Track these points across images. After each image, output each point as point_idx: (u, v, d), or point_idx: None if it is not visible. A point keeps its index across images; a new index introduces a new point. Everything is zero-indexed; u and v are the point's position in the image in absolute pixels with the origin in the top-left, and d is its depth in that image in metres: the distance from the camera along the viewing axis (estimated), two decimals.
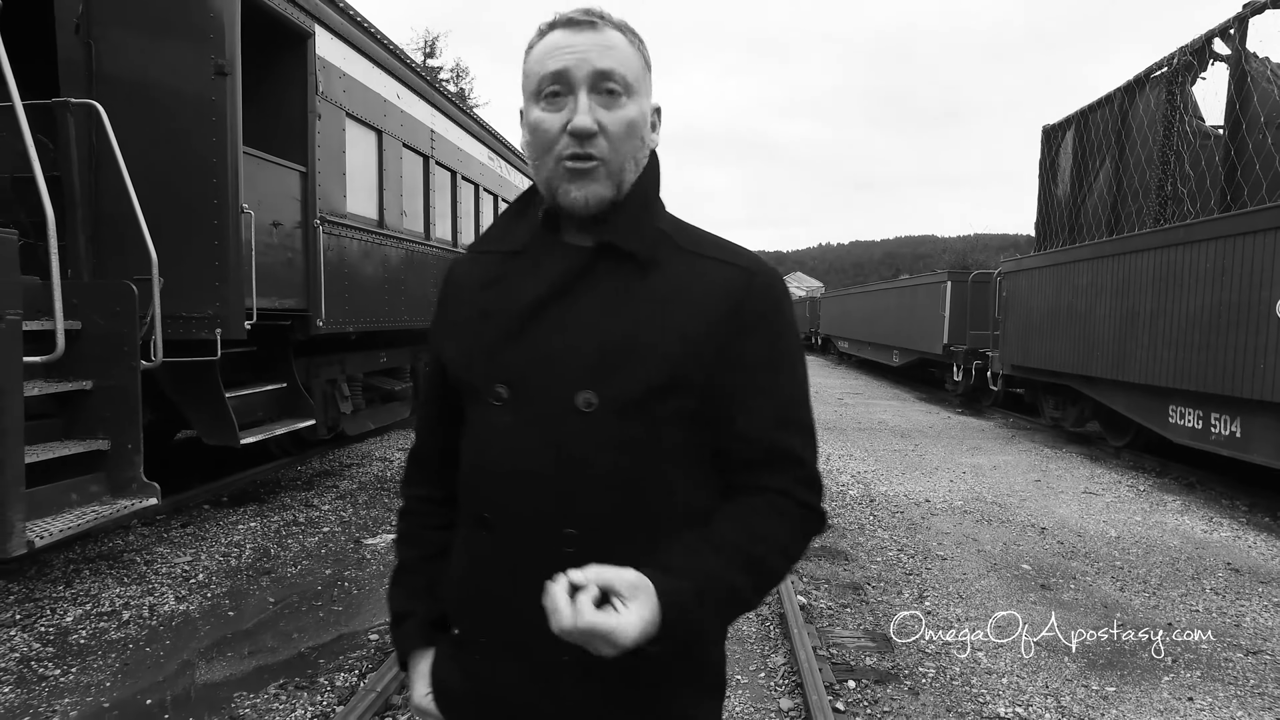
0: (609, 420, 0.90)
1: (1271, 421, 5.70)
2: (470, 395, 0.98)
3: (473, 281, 1.02)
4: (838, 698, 2.98)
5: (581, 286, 0.94)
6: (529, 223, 1.01)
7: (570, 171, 0.91)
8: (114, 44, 4.76)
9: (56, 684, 2.94)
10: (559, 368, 0.91)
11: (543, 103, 0.92)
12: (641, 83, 0.95)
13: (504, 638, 0.94)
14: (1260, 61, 6.11)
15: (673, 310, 0.92)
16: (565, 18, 0.93)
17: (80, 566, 4.21)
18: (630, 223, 0.95)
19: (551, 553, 0.89)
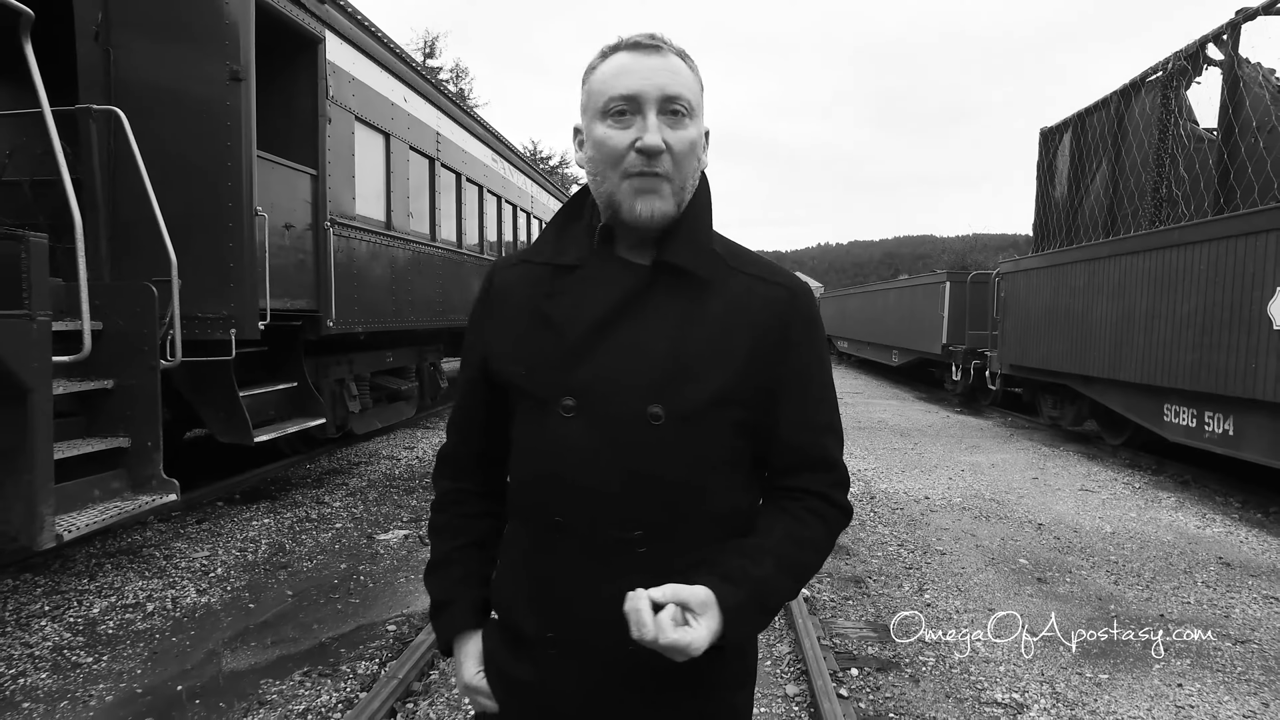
0: (675, 431, 0.96)
1: (1264, 420, 5.82)
2: (531, 404, 1.02)
3: (524, 290, 1.06)
4: (841, 684, 3.09)
5: (643, 304, 0.99)
6: (582, 236, 1.05)
7: (637, 189, 0.96)
8: (132, 50, 4.86)
9: (90, 671, 3.05)
10: (628, 382, 0.97)
11: (610, 120, 0.96)
12: (700, 106, 1.00)
13: (573, 634, 1.00)
14: (1252, 67, 6.23)
15: (728, 327, 0.99)
16: (631, 41, 0.98)
17: (102, 561, 4.32)
18: (689, 243, 1.01)
19: (623, 554, 0.97)
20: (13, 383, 3.26)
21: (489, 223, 10.92)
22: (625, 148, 0.95)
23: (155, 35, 4.88)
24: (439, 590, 1.14)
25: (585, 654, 1.00)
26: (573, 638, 1.00)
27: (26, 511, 3.37)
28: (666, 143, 0.95)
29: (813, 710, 2.85)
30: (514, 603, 1.05)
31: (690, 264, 0.99)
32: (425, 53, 41.17)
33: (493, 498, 1.15)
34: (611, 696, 1.00)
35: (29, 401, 3.33)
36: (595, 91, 0.98)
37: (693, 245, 1.00)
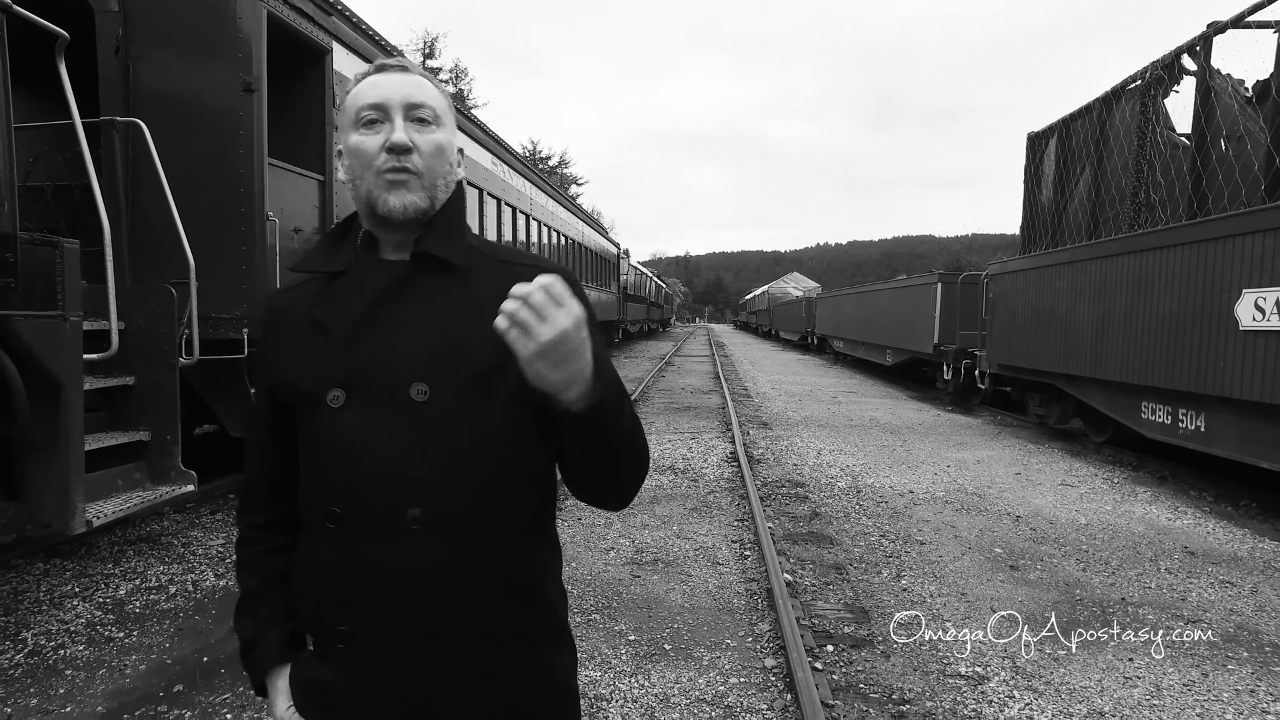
0: (441, 408, 1.00)
1: (1232, 416, 6.07)
2: (306, 404, 1.05)
3: (298, 306, 1.09)
4: (816, 658, 3.34)
5: (405, 293, 1.05)
6: (349, 245, 1.10)
7: (389, 183, 1.02)
8: (150, 63, 5.10)
9: (122, 644, 3.30)
10: (391, 365, 1.01)
11: (361, 129, 1.04)
12: (448, 118, 1.09)
13: (364, 623, 1.00)
14: (1223, 77, 6.48)
15: (485, 307, 0.98)
16: (379, 64, 1.08)
17: (124, 548, 4.57)
18: (443, 235, 1.07)
19: (399, 532, 0.98)
20: (47, 379, 3.50)
21: (489, 225, 11.16)
22: (377, 149, 1.02)
23: (172, 49, 5.13)
24: (246, 629, 1.14)
25: (380, 643, 1.00)
26: (364, 628, 1.00)
27: (59, 499, 3.62)
28: (414, 143, 1.02)
29: (788, 679, 3.10)
30: (304, 607, 1.07)
31: (445, 253, 1.06)
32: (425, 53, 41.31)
33: (290, 530, 1.13)
34: (420, 680, 1.00)
35: (62, 396, 3.57)
36: (348, 107, 1.06)
37: (447, 237, 1.07)
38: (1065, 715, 2.93)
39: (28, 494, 3.61)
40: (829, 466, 7.79)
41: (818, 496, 6.47)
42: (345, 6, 6.55)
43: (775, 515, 5.80)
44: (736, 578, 4.41)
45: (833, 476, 7.31)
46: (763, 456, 8.23)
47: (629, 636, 3.57)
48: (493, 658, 1.02)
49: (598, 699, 2.98)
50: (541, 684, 1.07)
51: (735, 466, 7.57)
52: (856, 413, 12.39)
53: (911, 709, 2.96)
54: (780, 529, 5.43)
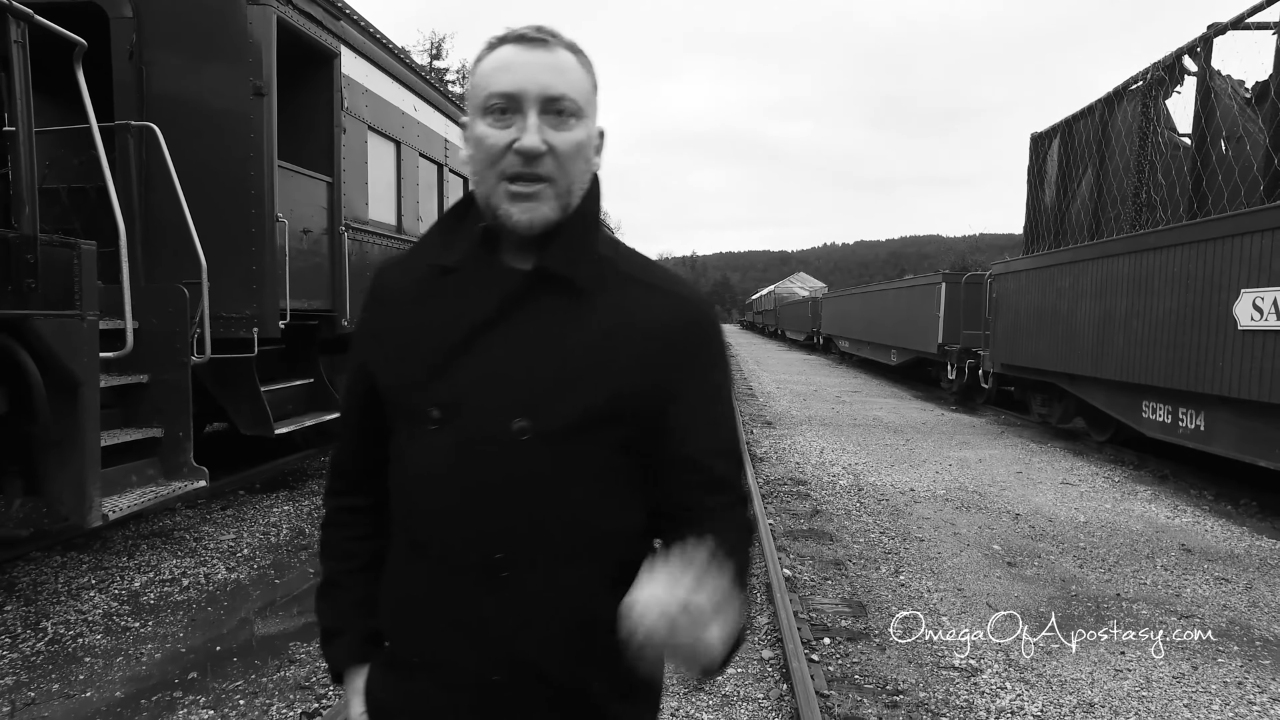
0: (542, 449, 0.89)
1: (1231, 415, 6.12)
2: (402, 412, 0.97)
3: (405, 293, 1.00)
4: (813, 651, 3.42)
5: (520, 312, 0.92)
6: (466, 237, 0.97)
7: (513, 194, 0.89)
8: (163, 68, 5.21)
9: (138, 634, 3.40)
10: (495, 394, 0.90)
11: (490, 118, 0.90)
12: (590, 105, 0.93)
13: (434, 658, 0.95)
14: (1223, 79, 6.52)
15: (612, 339, 0.92)
16: (517, 34, 0.91)
17: (138, 542, 4.67)
18: (569, 248, 0.93)
19: (485, 577, 0.90)
20: (65, 376, 3.60)
21: None
22: (503, 148, 0.88)
23: (184, 54, 5.23)
24: (329, 617, 1.08)
25: (450, 682, 0.94)
26: (437, 663, 0.94)
27: (77, 493, 3.72)
28: (549, 144, 0.88)
29: (784, 670, 3.17)
30: (386, 625, 1.02)
31: (569, 271, 0.93)
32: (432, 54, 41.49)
33: (381, 513, 1.06)
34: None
35: (79, 394, 3.67)
36: (476, 86, 0.92)
37: (574, 251, 0.93)
38: (1055, 705, 3.00)
39: (47, 489, 3.71)
40: (831, 465, 7.85)
41: (819, 494, 6.54)
42: (353, 11, 6.66)
43: (776, 512, 5.88)
44: None
45: (835, 475, 7.38)
46: (766, 455, 8.30)
47: None
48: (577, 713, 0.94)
49: None
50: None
51: None
52: (860, 412, 12.44)
53: (905, 699, 3.03)
54: (781, 525, 5.51)
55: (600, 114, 0.97)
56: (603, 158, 0.99)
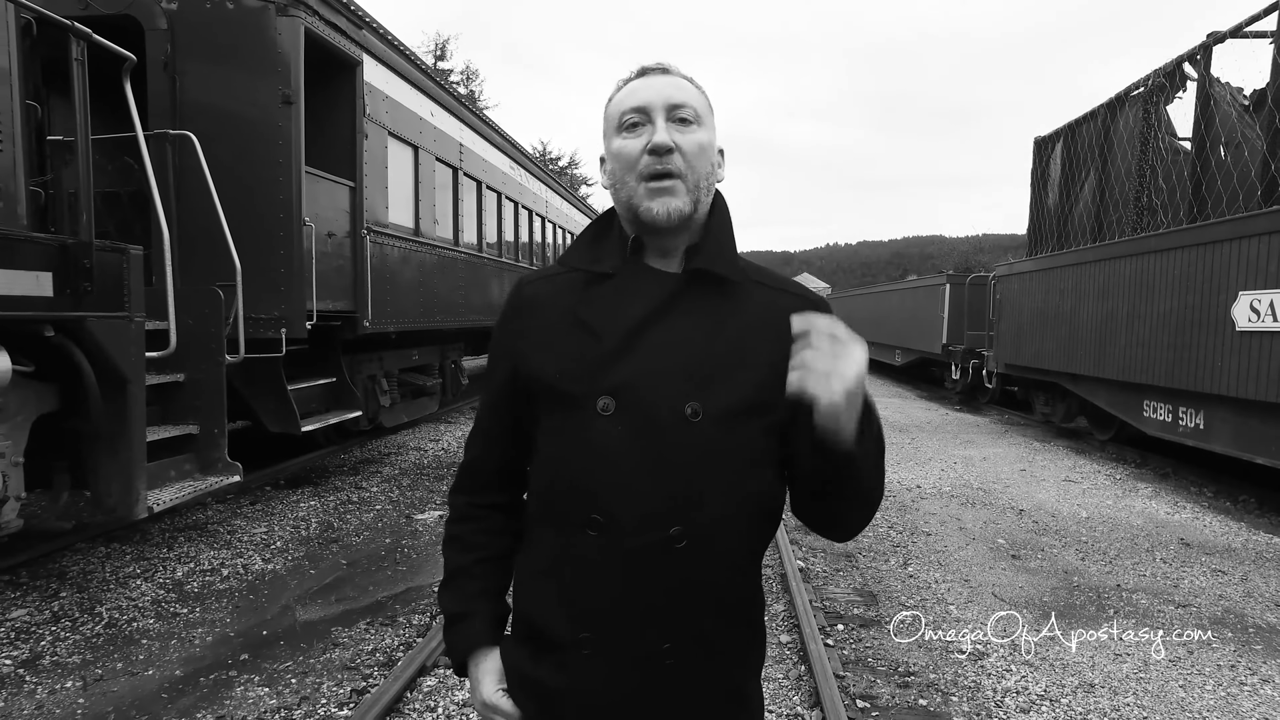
0: (711, 429, 0.99)
1: (1229, 414, 6.28)
2: (566, 407, 1.03)
3: (558, 299, 1.09)
4: (828, 636, 3.59)
5: (678, 308, 1.04)
6: (614, 247, 1.08)
7: (651, 190, 1.01)
8: (196, 78, 5.40)
9: (187, 619, 3.59)
10: (666, 381, 1.00)
11: (624, 133, 1.04)
12: (709, 119, 1.08)
13: (609, 634, 1.00)
14: (1222, 86, 6.68)
15: (755, 332, 1.04)
16: (641, 68, 1.08)
17: (175, 535, 4.86)
18: (719, 251, 1.07)
19: (662, 550, 0.98)
20: (115, 375, 3.79)
21: (506, 227, 11.45)
22: (639, 152, 1.02)
23: (216, 64, 5.42)
24: (455, 603, 1.14)
25: (620, 655, 1.00)
26: (608, 638, 1.00)
27: (125, 486, 3.90)
28: (676, 143, 1.01)
29: (801, 652, 3.35)
30: (543, 608, 1.05)
31: (722, 269, 1.06)
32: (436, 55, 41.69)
33: (513, 513, 1.16)
34: (646, 698, 1.01)
35: (128, 391, 3.86)
36: (611, 115, 1.07)
37: (722, 253, 1.07)
38: (1058, 686, 3.17)
39: (95, 482, 3.90)
40: None
41: None
42: (375, 21, 6.84)
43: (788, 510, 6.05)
44: None
45: None
46: None
47: None
48: (721, 682, 1.05)
49: None
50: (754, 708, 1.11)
51: None
52: None
53: (916, 680, 3.21)
54: (792, 519, 5.69)
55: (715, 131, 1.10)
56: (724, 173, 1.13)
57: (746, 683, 1.09)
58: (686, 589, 0.99)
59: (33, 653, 3.20)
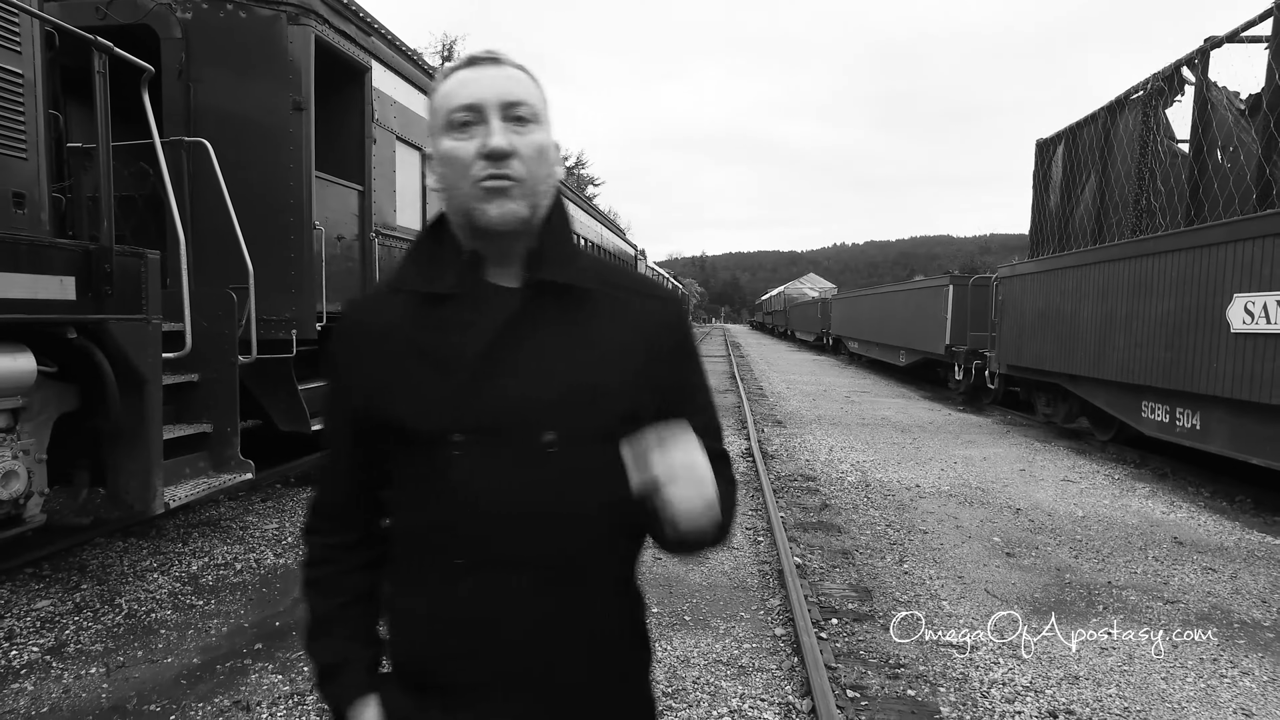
0: (573, 455, 0.95)
1: (1225, 415, 6.36)
2: (417, 445, 0.97)
3: (393, 325, 1.01)
4: (822, 630, 3.70)
5: (527, 327, 0.97)
6: (449, 263, 1.00)
7: (487, 191, 0.93)
8: (209, 86, 5.54)
9: (203, 610, 3.72)
10: (521, 410, 0.95)
11: (454, 133, 0.95)
12: (546, 114, 1.00)
13: (492, 675, 0.97)
14: (1220, 90, 6.76)
15: (617, 343, 1.00)
16: (469, 57, 0.98)
17: (189, 530, 5.01)
18: (560, 258, 1.00)
19: (532, 582, 0.95)
20: (133, 375, 3.93)
21: None
22: (472, 156, 0.94)
23: (229, 72, 5.56)
24: (326, 653, 1.06)
25: (502, 692, 0.97)
26: (487, 676, 0.97)
27: (142, 483, 4.05)
28: (514, 146, 0.94)
29: (795, 644, 3.46)
30: (420, 650, 1.01)
31: (567, 278, 0.99)
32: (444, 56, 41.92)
33: (371, 546, 1.08)
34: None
35: (145, 391, 4.00)
36: (438, 108, 0.98)
37: (564, 259, 1.00)
38: (1044, 678, 3.28)
39: (114, 479, 4.05)
40: (840, 462, 8.12)
41: (828, 490, 6.81)
42: (383, 27, 6.99)
43: (787, 506, 6.16)
44: (750, 561, 4.77)
45: (843, 471, 7.65)
46: (776, 452, 8.58)
47: (652, 609, 3.95)
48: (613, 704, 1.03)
49: None
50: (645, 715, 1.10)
51: (750, 462, 7.92)
52: (869, 412, 12.69)
53: (905, 671, 3.32)
54: (792, 518, 5.79)
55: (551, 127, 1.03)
56: (562, 171, 1.06)
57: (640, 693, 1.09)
58: (563, 617, 0.97)
59: (57, 641, 3.34)
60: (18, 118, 3.74)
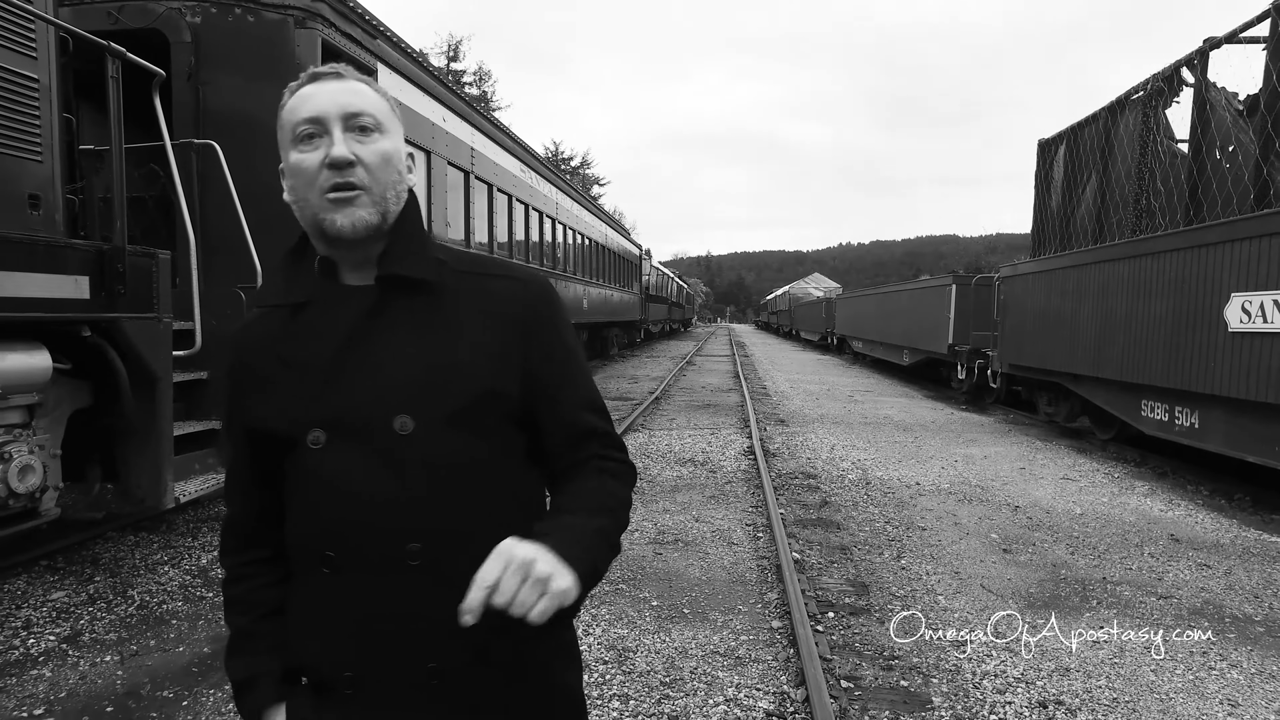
0: (427, 439, 0.96)
1: (1222, 414, 6.40)
2: (287, 448, 1.00)
3: (261, 341, 1.05)
4: (818, 623, 3.77)
5: (377, 322, 1.00)
6: (307, 272, 1.04)
7: (332, 201, 0.96)
8: (218, 89, 5.64)
9: (213, 602, 3.81)
10: (371, 401, 0.97)
11: (300, 145, 0.98)
12: (392, 124, 1.03)
13: (369, 669, 0.97)
14: (1218, 90, 6.80)
15: (470, 326, 1.01)
16: (312, 73, 1.01)
17: (199, 525, 5.10)
18: (406, 252, 1.02)
19: (398, 570, 0.95)
20: (145, 372, 4.02)
21: (517, 229, 11.68)
22: (317, 166, 0.97)
23: (238, 75, 5.66)
24: (240, 669, 1.08)
25: (383, 689, 0.97)
26: (368, 674, 0.97)
27: (154, 478, 4.14)
28: (357, 155, 0.97)
29: (791, 637, 3.53)
30: (306, 651, 1.02)
31: (411, 270, 1.01)
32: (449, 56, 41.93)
33: (282, 561, 1.09)
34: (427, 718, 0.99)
35: (157, 388, 4.10)
36: (284, 123, 1.01)
37: (410, 253, 1.03)
38: (1035, 670, 3.34)
39: (126, 474, 4.14)
40: (841, 460, 8.18)
41: (828, 487, 6.88)
42: (389, 29, 7.08)
43: (787, 503, 6.23)
44: (749, 556, 4.84)
45: (844, 469, 7.71)
46: (778, 450, 8.65)
47: (652, 603, 4.03)
48: (503, 691, 1.01)
49: (625, 650, 3.43)
50: (552, 707, 1.07)
51: (751, 459, 7.99)
52: (871, 411, 12.74)
53: (900, 663, 3.38)
54: (791, 515, 5.86)
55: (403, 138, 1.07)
56: (417, 177, 1.10)
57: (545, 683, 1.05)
58: (438, 609, 0.93)
59: (73, 630, 3.44)
60: (34, 122, 3.83)
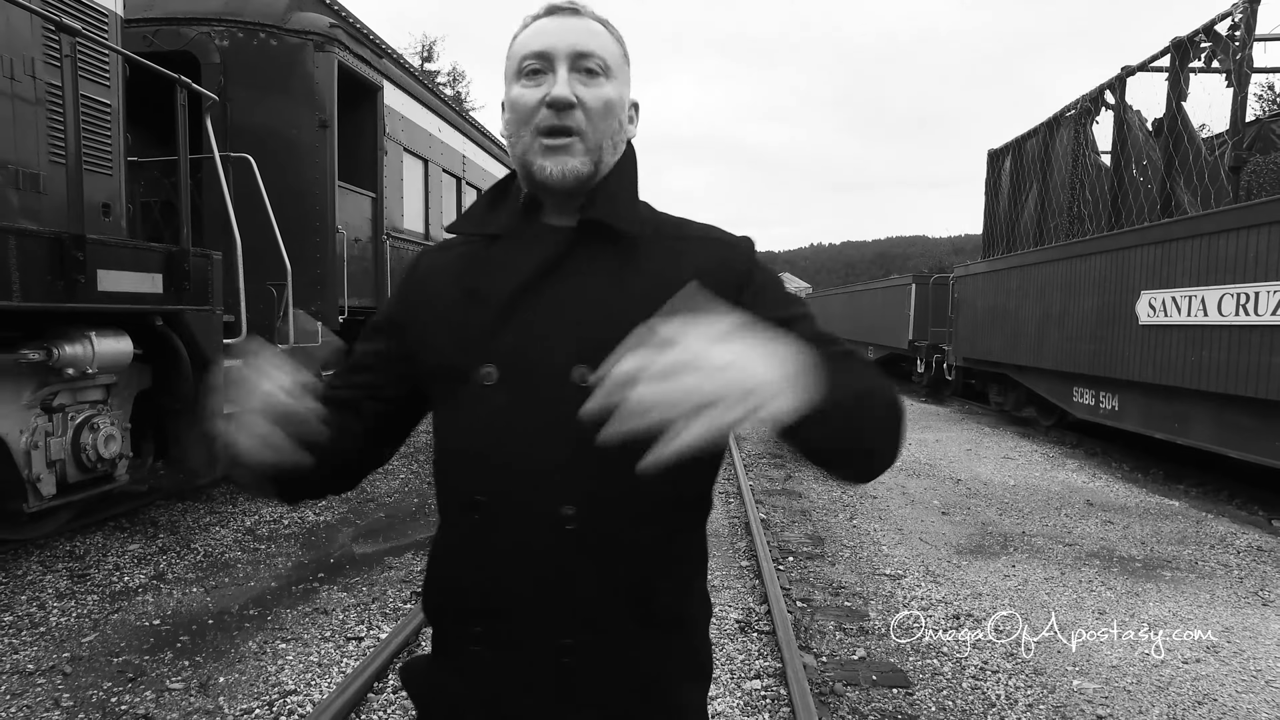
0: None
1: (1138, 397, 7.29)
2: (451, 380, 0.94)
3: (450, 267, 1.01)
4: (780, 565, 4.52)
5: (569, 265, 0.93)
6: (509, 208, 1.00)
7: (545, 147, 0.92)
8: (245, 105, 6.25)
9: (266, 551, 4.46)
10: (553, 346, 0.90)
11: (523, 80, 0.93)
12: (621, 71, 0.97)
13: (500, 626, 0.91)
14: (1134, 112, 7.69)
15: (667, 280, 0.87)
16: (550, 6, 0.96)
17: (236, 495, 5.72)
18: (614, 201, 0.96)
19: (549, 531, 0.88)
20: (200, 358, 4.65)
21: None
22: (536, 104, 0.92)
23: (262, 93, 6.27)
24: None
25: (511, 651, 0.91)
26: (498, 632, 0.91)
27: (205, 452, 4.77)
28: (579, 98, 0.91)
29: (757, 571, 4.28)
30: (440, 600, 0.98)
31: (616, 220, 0.94)
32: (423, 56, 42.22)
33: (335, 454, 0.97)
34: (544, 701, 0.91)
35: (210, 371, 4.73)
36: (512, 55, 0.96)
37: (615, 202, 0.96)
38: (955, 595, 4.12)
39: (179, 448, 4.76)
40: None
41: (792, 465, 7.65)
42: (393, 50, 7.72)
43: (756, 477, 6.99)
44: (721, 515, 5.59)
45: None
46: (748, 435, 9.41)
47: None
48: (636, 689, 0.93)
49: None
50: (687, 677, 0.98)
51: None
52: None
53: (845, 591, 4.14)
54: (760, 486, 6.62)
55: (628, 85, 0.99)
56: (637, 128, 1.02)
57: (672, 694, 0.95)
58: (583, 578, 0.89)
59: (157, 571, 4.07)
60: (106, 141, 4.45)
